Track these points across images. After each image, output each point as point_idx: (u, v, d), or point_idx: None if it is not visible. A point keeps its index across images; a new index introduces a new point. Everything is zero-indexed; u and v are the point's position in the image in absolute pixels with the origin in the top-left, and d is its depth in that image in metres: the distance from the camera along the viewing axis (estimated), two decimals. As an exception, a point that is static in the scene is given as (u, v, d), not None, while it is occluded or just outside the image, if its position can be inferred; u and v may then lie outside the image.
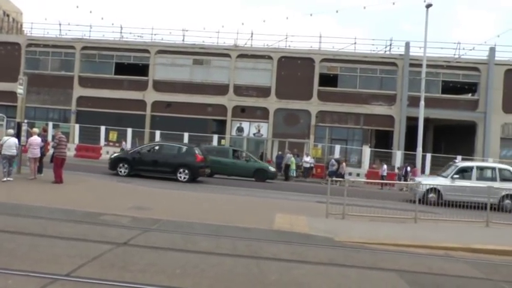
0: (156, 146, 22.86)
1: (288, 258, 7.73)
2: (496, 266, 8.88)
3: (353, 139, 35.18)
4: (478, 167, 20.38)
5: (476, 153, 33.88)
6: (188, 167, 20.42)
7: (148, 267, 6.48)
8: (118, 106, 35.07)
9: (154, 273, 6.21)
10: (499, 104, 34.06)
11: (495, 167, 20.33)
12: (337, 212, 12.63)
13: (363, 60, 34.72)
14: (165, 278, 6.10)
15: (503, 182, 19.08)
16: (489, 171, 20.21)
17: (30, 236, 7.89)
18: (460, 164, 21.51)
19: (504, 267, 8.89)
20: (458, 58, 33.92)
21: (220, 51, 35.52)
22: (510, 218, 14.16)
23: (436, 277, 7.49)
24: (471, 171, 19.84)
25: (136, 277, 5.99)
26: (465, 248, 10.09)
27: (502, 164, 22.28)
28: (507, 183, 19.01)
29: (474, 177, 19.44)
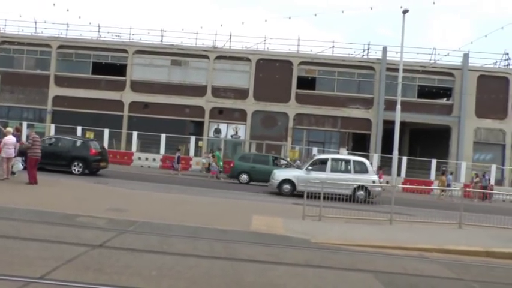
0: (53, 139, 22.86)
1: (264, 259, 7.75)
2: (467, 266, 9.09)
3: (330, 142, 35.46)
4: (333, 159, 20.59)
5: (451, 156, 34.54)
6: (82, 160, 20.72)
7: (124, 269, 6.43)
8: (95, 106, 34.61)
9: (130, 276, 6.16)
10: (472, 109, 34.80)
11: (350, 160, 20.60)
12: (314, 214, 12.73)
13: (341, 63, 35.06)
14: (140, 280, 6.04)
15: (357, 174, 19.52)
16: (344, 163, 20.40)
17: (3, 238, 7.73)
18: (316, 156, 21.91)
19: (475, 267, 9.09)
20: (434, 63, 34.51)
21: (199, 52, 35.43)
22: (482, 219, 14.45)
23: (411, 277, 7.61)
24: (326, 163, 20.08)
25: (112, 279, 5.93)
26: (439, 249, 10.29)
27: (356, 157, 22.57)
28: (361, 175, 19.42)
29: (329, 169, 19.72)
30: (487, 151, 35.57)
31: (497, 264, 9.66)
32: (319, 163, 20.44)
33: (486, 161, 34.79)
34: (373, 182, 19.36)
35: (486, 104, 34.61)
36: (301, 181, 19.00)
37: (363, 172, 19.79)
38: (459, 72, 34.95)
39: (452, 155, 34.64)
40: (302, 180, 18.96)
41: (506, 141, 35.11)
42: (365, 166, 20.16)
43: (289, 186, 19.86)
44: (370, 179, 19.39)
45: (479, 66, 35.39)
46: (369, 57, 35.89)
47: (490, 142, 35.39)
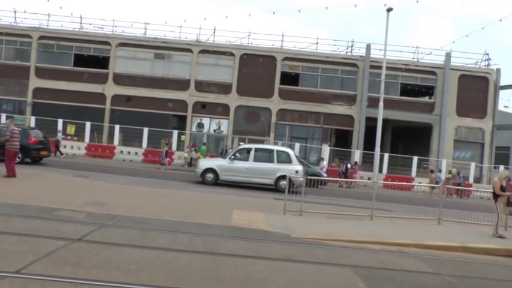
0: None
1: (244, 254, 7.76)
2: (444, 261, 9.25)
3: (313, 138, 35.64)
4: (256, 149, 20.62)
5: (432, 154, 35.01)
6: (21, 148, 20.54)
7: (103, 263, 6.37)
8: (77, 99, 34.21)
9: (108, 270, 6.11)
10: (453, 107, 35.29)
11: (273, 149, 20.66)
12: (295, 209, 12.79)
13: (325, 60, 35.19)
14: (119, 274, 6.00)
15: (280, 164, 19.67)
16: (267, 153, 20.45)
17: (-21, 231, 7.61)
18: (241, 146, 22.18)
19: (451, 262, 9.25)
20: (417, 62, 34.90)
21: (182, 46, 35.22)
22: (460, 216, 14.69)
23: (389, 272, 7.71)
24: (250, 152, 20.16)
25: (90, 274, 5.88)
26: (417, 244, 10.45)
27: (280, 147, 22.76)
28: (284, 165, 19.57)
29: (252, 158, 19.85)
30: (466, 149, 36.15)
31: (473, 259, 9.85)
32: (243, 152, 20.43)
33: (466, 158, 35.35)
34: (297, 172, 19.29)
35: (467, 103, 35.16)
36: (224, 170, 19.33)
37: (287, 162, 19.80)
38: (441, 71, 35.39)
39: (433, 152, 35.11)
40: (225, 169, 19.32)
41: (485, 139, 35.73)
42: (289, 156, 20.11)
43: (212, 175, 19.82)
44: (293, 169, 19.36)
45: (460, 66, 35.90)
46: (353, 55, 36.11)
47: (470, 140, 35.97)
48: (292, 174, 19.12)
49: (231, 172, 19.56)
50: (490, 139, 35.98)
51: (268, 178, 19.24)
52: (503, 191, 12.73)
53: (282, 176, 19.13)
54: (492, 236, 12.34)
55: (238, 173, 19.49)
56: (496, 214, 12.62)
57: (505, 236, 12.42)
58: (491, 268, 9.26)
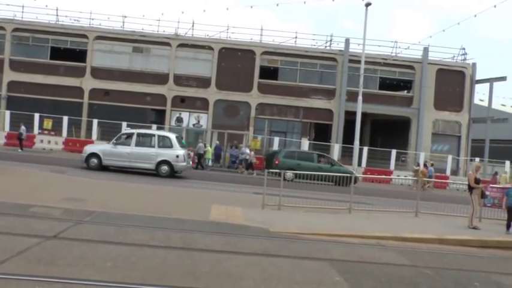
0: None
1: (221, 249, 7.73)
2: (421, 253, 9.38)
3: (292, 132, 35.74)
4: (138, 134, 20.61)
5: (410, 147, 35.45)
6: None
7: (78, 261, 6.28)
8: (54, 93, 33.58)
9: (83, 267, 6.02)
10: (431, 101, 35.76)
11: (155, 134, 20.71)
12: (274, 203, 12.81)
13: (304, 54, 35.23)
14: (94, 271, 5.92)
15: (162, 148, 19.82)
16: (149, 138, 20.48)
17: (-51, 229, 7.42)
18: (123, 131, 22.33)
19: (428, 254, 9.40)
20: (395, 56, 35.19)
21: (161, 39, 34.87)
22: (437, 208, 14.90)
23: (366, 265, 7.77)
24: (132, 137, 20.21)
25: (64, 272, 5.78)
26: (395, 237, 10.58)
27: (162, 131, 22.91)
28: (165, 150, 19.76)
29: (134, 143, 19.92)
30: (444, 142, 36.72)
31: (449, 250, 10.03)
32: (125, 137, 20.43)
33: (443, 151, 35.92)
34: (177, 156, 19.49)
35: (444, 96, 35.67)
36: (107, 155, 19.39)
37: (168, 147, 19.87)
38: (419, 66, 35.78)
39: (412, 145, 35.55)
40: (108, 154, 19.37)
41: (462, 132, 36.33)
42: (170, 141, 20.13)
43: (96, 160, 19.70)
44: (174, 154, 19.55)
45: (438, 60, 36.38)
46: (332, 49, 36.23)
47: (447, 133, 36.53)
48: (172, 159, 19.35)
49: (114, 157, 19.57)
50: (467, 132, 36.59)
51: (149, 163, 19.35)
52: (478, 183, 12.96)
53: (162, 161, 19.38)
54: (467, 227, 12.56)
55: (120, 158, 19.52)
56: (471, 206, 12.85)
57: (479, 227, 12.66)
58: (465, 259, 9.43)
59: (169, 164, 19.56)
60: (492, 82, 37.32)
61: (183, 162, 19.90)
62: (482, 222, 13.64)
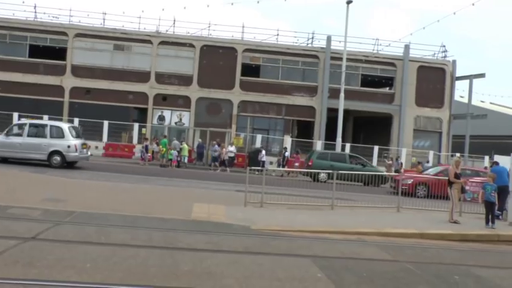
0: None
1: (203, 248, 7.69)
2: (402, 248, 9.46)
3: (275, 129, 35.78)
4: (30, 124, 20.54)
5: (392, 143, 35.76)
6: None
7: (57, 262, 6.18)
8: (33, 92, 33.04)
9: (62, 269, 5.92)
10: (412, 98, 36.13)
11: (47, 125, 20.59)
12: (256, 201, 12.79)
13: (285, 51, 35.27)
14: (73, 273, 5.83)
15: (53, 139, 19.85)
16: (41, 128, 20.32)
17: None
18: (16, 122, 22.46)
19: (410, 249, 9.47)
20: (377, 53, 35.49)
21: (142, 37, 34.55)
22: (418, 203, 15.05)
23: (348, 261, 7.81)
24: (24, 128, 20.14)
25: (43, 274, 5.68)
26: (377, 232, 10.66)
27: (54, 122, 22.80)
28: (57, 140, 19.80)
29: (26, 133, 19.89)
30: (425, 138, 37.15)
31: (430, 245, 10.13)
32: (17, 128, 20.36)
33: (425, 147, 36.36)
34: (69, 147, 19.60)
35: (425, 93, 36.09)
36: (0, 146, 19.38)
37: (59, 137, 19.88)
38: (400, 63, 36.10)
39: (394, 142, 35.87)
40: (0, 145, 19.35)
41: (443, 128, 36.80)
42: (62, 131, 20.12)
43: None
44: (65, 144, 19.63)
45: (419, 57, 36.77)
46: (313, 46, 36.33)
47: (428, 130, 36.97)
48: (64, 150, 19.43)
49: (6, 148, 19.53)
50: (448, 128, 37.06)
51: (41, 153, 19.40)
52: (458, 178, 13.13)
53: (54, 151, 19.47)
54: (448, 222, 12.72)
55: (12, 149, 19.51)
56: (451, 201, 13.02)
57: (459, 221, 12.84)
58: (445, 253, 9.53)
59: (61, 154, 19.55)
60: (472, 79, 37.85)
61: (75, 152, 19.87)
62: (462, 216, 13.83)
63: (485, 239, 11.35)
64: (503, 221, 13.48)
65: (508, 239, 11.45)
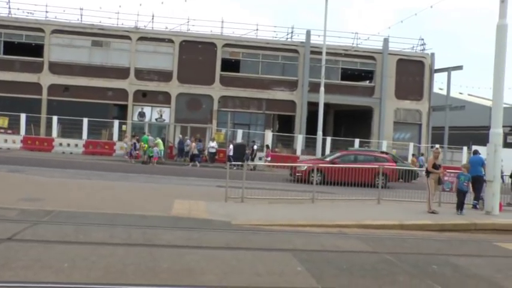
0: None
1: (183, 244, 7.65)
2: (382, 239, 9.54)
3: (256, 124, 35.76)
4: None
5: (373, 136, 36.07)
6: None
7: (33, 263, 6.08)
8: (10, 89, 32.41)
9: (39, 270, 5.83)
10: (392, 90, 36.47)
11: None
12: (237, 196, 12.76)
13: (265, 46, 35.24)
14: (51, 273, 5.75)
15: None
16: None
17: None
18: None
19: (389, 240, 9.56)
20: (356, 47, 35.68)
21: (120, 33, 34.14)
22: (398, 195, 15.20)
23: (328, 253, 7.86)
24: None
25: (18, 275, 5.58)
26: (357, 225, 10.73)
27: None
28: None
29: None
30: (405, 130, 37.57)
31: (409, 235, 10.27)
32: None
33: (405, 139, 36.76)
34: None
35: (404, 86, 36.46)
36: None
37: None
38: (380, 56, 36.37)
39: (374, 134, 36.18)
40: None
41: (422, 120, 37.25)
42: None
43: None
44: None
45: (398, 51, 37.10)
46: (293, 41, 36.37)
47: (408, 122, 37.40)
48: None
49: None
50: (427, 120, 37.51)
51: None
52: (437, 169, 13.30)
53: None
54: (426, 212, 12.88)
55: None
56: (427, 191, 13.20)
57: (437, 211, 13.02)
58: (424, 243, 9.68)
59: None
60: (450, 71, 38.34)
61: None
62: (441, 206, 14.02)
63: (463, 228, 11.53)
64: (479, 210, 13.72)
65: (484, 227, 11.66)
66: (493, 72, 13.48)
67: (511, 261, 8.42)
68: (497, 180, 13.26)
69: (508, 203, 15.07)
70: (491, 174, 13.17)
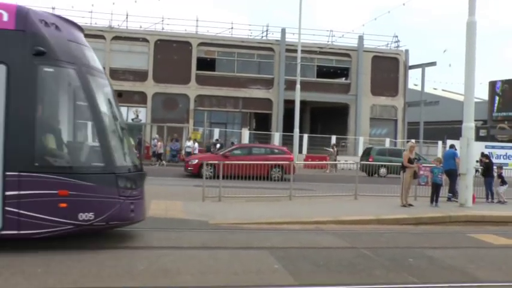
0: None
1: (159, 245, 7.57)
2: (359, 234, 9.59)
3: (233, 122, 35.71)
4: None
5: (349, 132, 36.36)
6: None
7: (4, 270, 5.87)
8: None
9: (10, 276, 5.66)
10: (367, 87, 36.83)
11: None
12: (214, 195, 12.70)
13: (241, 45, 35.19)
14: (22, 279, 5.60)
15: None
16: None
17: None
18: None
19: (366, 235, 9.62)
20: (331, 45, 35.90)
21: (94, 32, 33.47)
22: (375, 190, 15.35)
23: (306, 250, 7.88)
24: None
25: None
26: (334, 221, 10.76)
27: None
28: None
29: None
30: (382, 126, 38.04)
31: (386, 230, 10.36)
32: None
33: (382, 135, 37.19)
34: None
35: (380, 82, 36.86)
36: None
37: None
38: (355, 53, 36.68)
39: (351, 131, 36.47)
40: None
41: (398, 116, 37.74)
42: None
43: None
44: None
45: (373, 48, 37.49)
46: (268, 39, 36.42)
47: (384, 118, 37.85)
48: None
49: None
50: (403, 115, 38.02)
51: None
52: (412, 163, 13.47)
53: None
54: (400, 206, 13.03)
55: None
56: (401, 184, 13.37)
57: (413, 205, 13.21)
58: (401, 237, 9.79)
59: None
60: (424, 67, 38.98)
61: None
62: (417, 200, 14.21)
63: (438, 221, 11.71)
64: (454, 203, 13.94)
65: (458, 219, 11.88)
66: (464, 68, 13.71)
67: (483, 252, 8.58)
68: (470, 173, 13.50)
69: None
70: (465, 167, 13.39)
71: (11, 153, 6.57)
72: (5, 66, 6.66)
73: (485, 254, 8.42)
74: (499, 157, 29.47)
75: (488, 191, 15.19)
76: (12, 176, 6.55)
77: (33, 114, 6.80)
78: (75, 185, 6.76)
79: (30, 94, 6.78)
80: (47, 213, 6.63)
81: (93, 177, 7.01)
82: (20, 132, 6.64)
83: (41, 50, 6.76)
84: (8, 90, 6.63)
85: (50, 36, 7.00)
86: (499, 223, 11.90)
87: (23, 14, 6.92)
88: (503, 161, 27.95)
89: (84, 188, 6.80)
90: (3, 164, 6.56)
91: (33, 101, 6.84)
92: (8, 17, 6.83)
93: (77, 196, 6.76)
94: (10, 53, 6.75)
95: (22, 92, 6.70)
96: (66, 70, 7.19)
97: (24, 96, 6.72)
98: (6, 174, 6.55)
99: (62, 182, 6.72)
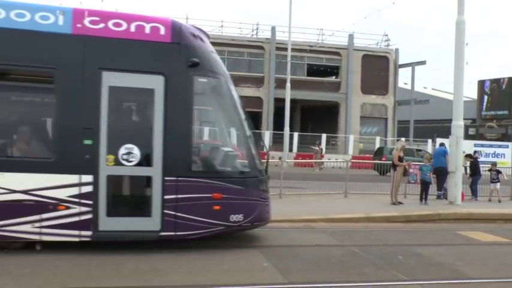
0: None
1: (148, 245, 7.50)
2: (349, 232, 9.59)
3: (223, 121, 35.55)
4: None
5: (340, 130, 36.47)
6: None
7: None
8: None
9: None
10: (358, 86, 36.98)
11: None
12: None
13: (231, 43, 35.15)
14: (10, 280, 5.56)
15: None
16: None
17: None
18: None
19: (356, 233, 9.65)
20: (321, 43, 35.96)
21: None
22: (365, 188, 15.42)
23: (295, 248, 7.88)
24: None
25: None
26: (324, 219, 10.74)
27: None
28: None
29: None
30: (372, 124, 38.20)
31: (376, 228, 10.39)
32: None
33: (372, 133, 37.35)
34: None
35: (370, 81, 37.00)
36: None
37: None
38: (345, 52, 36.79)
39: (341, 129, 36.60)
40: None
41: (388, 114, 37.93)
42: None
43: None
44: None
45: (363, 46, 37.63)
46: (258, 37, 36.43)
47: (375, 116, 38.03)
48: None
49: None
50: (393, 114, 38.23)
51: None
52: (402, 161, 13.55)
53: None
54: (390, 204, 13.10)
55: None
56: (391, 182, 13.43)
57: (402, 202, 13.28)
58: (390, 234, 9.80)
59: None
60: (414, 66, 39.20)
61: None
62: (407, 198, 14.27)
63: (428, 218, 11.77)
64: (443, 200, 14.03)
65: (447, 217, 11.95)
66: (453, 67, 13.79)
67: (470, 249, 8.66)
68: (459, 171, 13.59)
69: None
70: (454, 165, 13.48)
71: (169, 160, 6.93)
72: (163, 77, 6.99)
73: (474, 251, 8.50)
74: (487, 155, 29.69)
75: (473, 189, 15.26)
76: (170, 181, 6.92)
77: (189, 123, 7.24)
78: (227, 188, 7.23)
79: (186, 104, 7.16)
80: (201, 215, 7.04)
81: (243, 181, 7.51)
82: (177, 139, 7.01)
83: (195, 61, 7.14)
84: (166, 100, 6.98)
85: (199, 48, 7.42)
86: (487, 220, 12.00)
87: (177, 27, 7.30)
88: (492, 159, 28.18)
89: (235, 191, 7.30)
90: (163, 170, 6.89)
91: (189, 110, 7.25)
92: (164, 31, 7.18)
93: (229, 199, 7.22)
94: (167, 65, 7.10)
95: (179, 101, 7.05)
96: (216, 80, 7.71)
97: (181, 106, 7.07)
98: (165, 179, 6.90)
99: (215, 186, 7.15)
